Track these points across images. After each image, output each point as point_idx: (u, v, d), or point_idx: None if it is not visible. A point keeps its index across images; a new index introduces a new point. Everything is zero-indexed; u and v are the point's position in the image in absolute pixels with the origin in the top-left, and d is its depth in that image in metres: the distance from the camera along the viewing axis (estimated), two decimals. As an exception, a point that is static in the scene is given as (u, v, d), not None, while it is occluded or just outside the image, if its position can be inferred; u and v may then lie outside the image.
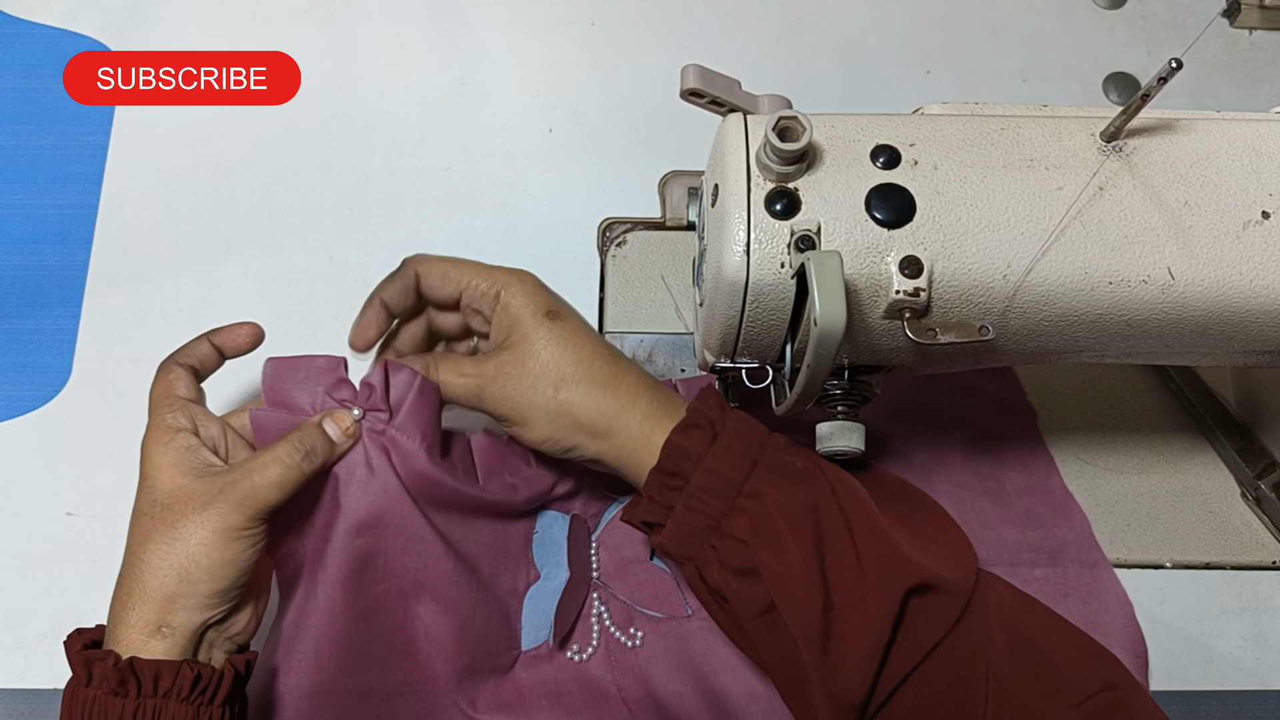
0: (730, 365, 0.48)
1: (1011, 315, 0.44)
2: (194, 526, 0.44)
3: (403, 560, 0.50)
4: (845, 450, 0.48)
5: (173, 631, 0.44)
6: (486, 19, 0.73)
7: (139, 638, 0.43)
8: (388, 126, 0.69)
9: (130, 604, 0.44)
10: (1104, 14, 0.75)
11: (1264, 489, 0.59)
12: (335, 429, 0.48)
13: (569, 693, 0.54)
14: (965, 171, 0.43)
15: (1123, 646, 0.56)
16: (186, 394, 0.48)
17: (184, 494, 0.44)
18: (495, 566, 0.54)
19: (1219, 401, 0.62)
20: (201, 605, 0.44)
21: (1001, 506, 0.60)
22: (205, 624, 0.44)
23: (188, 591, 0.44)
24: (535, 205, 0.67)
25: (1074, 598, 0.57)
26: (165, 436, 0.46)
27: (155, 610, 0.43)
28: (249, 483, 0.45)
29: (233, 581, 0.44)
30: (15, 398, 0.61)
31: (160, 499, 0.45)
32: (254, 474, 0.45)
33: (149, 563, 0.44)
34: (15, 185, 0.66)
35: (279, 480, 0.45)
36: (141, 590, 0.44)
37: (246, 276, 0.65)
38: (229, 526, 0.44)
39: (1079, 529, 0.59)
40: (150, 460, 0.46)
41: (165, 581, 0.43)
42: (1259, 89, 0.73)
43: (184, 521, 0.44)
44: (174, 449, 0.45)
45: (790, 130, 0.41)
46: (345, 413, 0.48)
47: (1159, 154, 0.44)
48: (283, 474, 0.45)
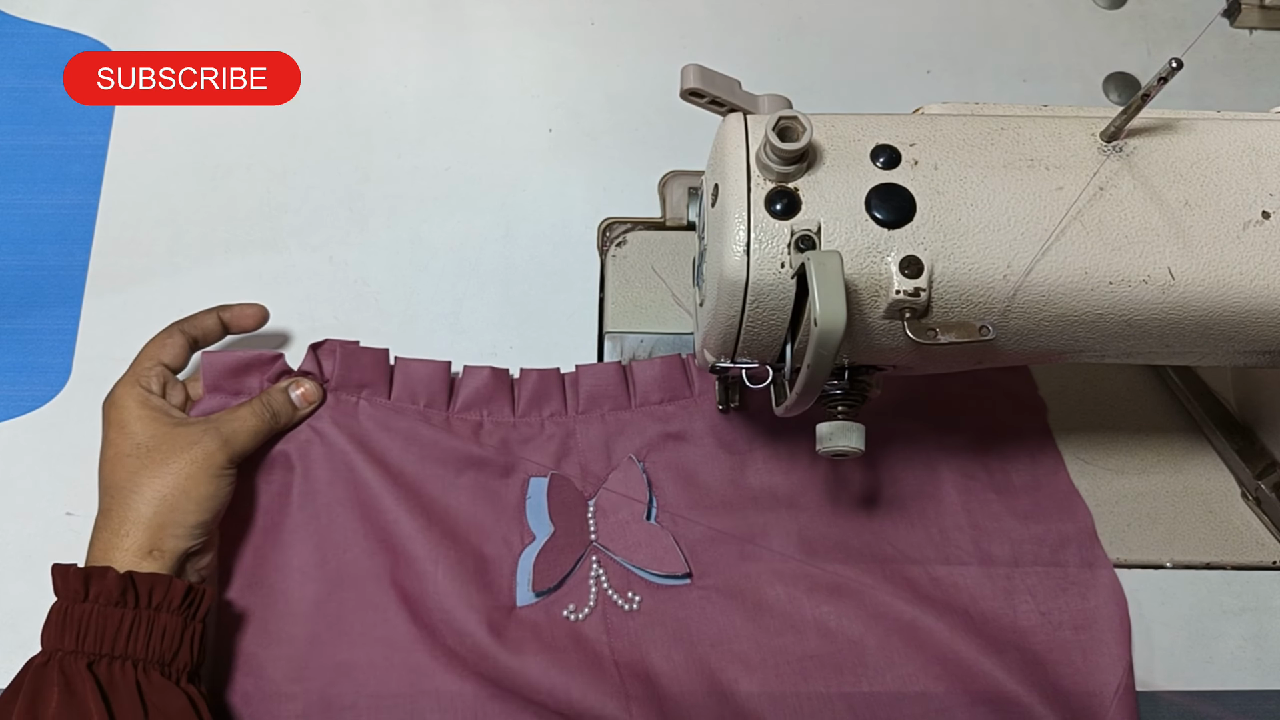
0: (730, 365, 0.48)
1: (1012, 315, 0.44)
2: (183, 463, 0.51)
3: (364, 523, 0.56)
4: (845, 450, 0.48)
5: (163, 555, 0.50)
6: (486, 19, 0.73)
7: (132, 559, 0.49)
8: (388, 126, 0.69)
9: (124, 531, 0.50)
10: (1104, 14, 0.75)
11: (1264, 489, 0.59)
12: (297, 393, 0.56)
13: (562, 650, 0.54)
14: (965, 171, 0.43)
15: (1118, 644, 0.57)
16: (171, 361, 0.55)
17: (168, 438, 0.52)
18: (482, 521, 0.57)
19: (1219, 401, 0.62)
20: (187, 534, 0.50)
21: (1007, 499, 0.60)
22: (187, 552, 0.51)
23: (177, 520, 0.50)
24: (535, 205, 0.67)
25: (1072, 592, 0.58)
26: (140, 394, 0.53)
27: (148, 536, 0.50)
28: (229, 428, 0.53)
29: (214, 514, 0.52)
30: (15, 398, 0.61)
31: (144, 442, 0.51)
32: (233, 421, 0.53)
33: (142, 495, 0.50)
34: (15, 185, 0.66)
35: (253, 429, 0.54)
36: (135, 519, 0.50)
37: (246, 276, 0.65)
38: (214, 464, 0.51)
39: (1082, 525, 0.59)
40: (125, 410, 0.53)
41: (158, 510, 0.50)
42: (1259, 89, 0.73)
43: (173, 459, 0.51)
44: (149, 405, 0.53)
45: (790, 130, 0.41)
46: (305, 380, 0.57)
47: (1159, 154, 0.44)
48: (256, 424, 0.54)
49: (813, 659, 0.55)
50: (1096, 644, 0.56)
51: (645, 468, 0.59)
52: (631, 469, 0.59)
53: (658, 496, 0.59)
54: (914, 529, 0.59)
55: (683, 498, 0.59)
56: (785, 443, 0.60)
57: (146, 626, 0.48)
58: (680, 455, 0.60)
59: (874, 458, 0.60)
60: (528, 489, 0.58)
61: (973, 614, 0.57)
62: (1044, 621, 0.57)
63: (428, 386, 0.58)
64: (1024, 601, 0.57)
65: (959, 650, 0.54)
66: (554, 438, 0.59)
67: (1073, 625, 0.57)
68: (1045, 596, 0.57)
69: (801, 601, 0.56)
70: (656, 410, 0.60)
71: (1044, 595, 0.57)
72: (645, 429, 0.60)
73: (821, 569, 0.57)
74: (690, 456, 0.60)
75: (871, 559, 0.58)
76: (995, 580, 0.58)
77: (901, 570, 0.57)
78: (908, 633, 0.55)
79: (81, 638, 0.47)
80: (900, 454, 0.60)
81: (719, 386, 0.58)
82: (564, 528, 0.57)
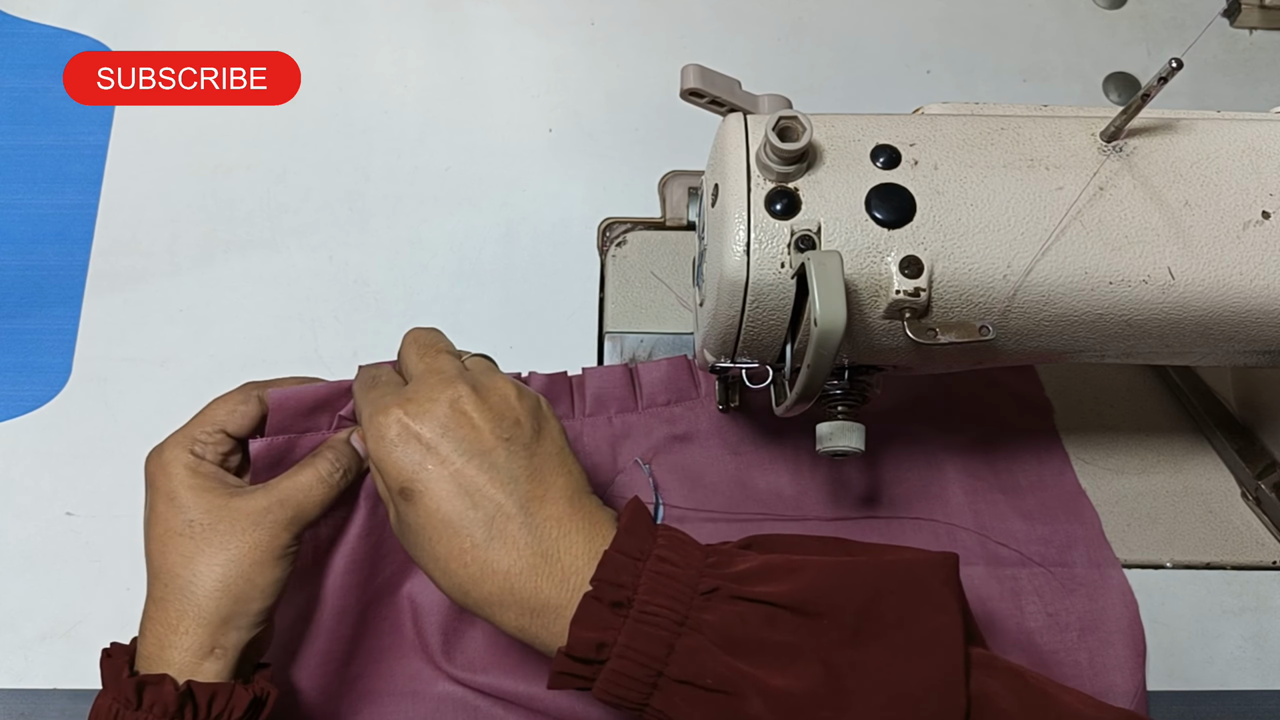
0: (730, 365, 0.48)
1: (1012, 315, 0.44)
2: (246, 546, 0.44)
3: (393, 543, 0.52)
4: (845, 450, 0.48)
5: (225, 653, 0.43)
6: (486, 19, 0.72)
7: (191, 660, 0.43)
8: (388, 126, 0.69)
9: (182, 627, 0.43)
10: (1104, 14, 0.75)
11: (1264, 489, 0.59)
12: (361, 444, 0.48)
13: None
14: (965, 171, 0.43)
15: (1126, 645, 0.56)
16: (236, 430, 0.47)
17: (226, 514, 0.44)
18: None
19: (1219, 401, 0.62)
20: (252, 624, 0.44)
21: (1014, 499, 0.60)
22: (251, 641, 0.44)
23: (242, 611, 0.43)
24: (535, 205, 0.67)
25: (1080, 594, 0.57)
26: (191, 461, 0.46)
27: (209, 632, 0.43)
28: (295, 502, 0.45)
29: (279, 598, 0.45)
30: (15, 398, 0.61)
31: (198, 518, 0.44)
32: (298, 493, 0.45)
33: (200, 585, 0.43)
34: (15, 185, 0.66)
35: (322, 499, 0.46)
36: (196, 613, 0.43)
37: (246, 276, 0.65)
38: (279, 545, 0.44)
39: (1090, 526, 0.59)
40: (174, 479, 0.45)
41: (221, 603, 0.43)
42: (1259, 89, 0.73)
43: (233, 540, 0.44)
44: (200, 473, 0.45)
45: (790, 130, 0.41)
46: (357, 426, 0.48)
47: (1159, 154, 0.44)
48: (325, 492, 0.46)
49: None
50: (1104, 646, 0.56)
51: (651, 470, 0.59)
52: (637, 473, 0.58)
53: (664, 498, 0.59)
54: (920, 530, 0.59)
55: (689, 500, 0.58)
56: (790, 443, 0.60)
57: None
58: (686, 457, 0.59)
59: (879, 458, 0.60)
60: None
61: (979, 615, 0.56)
62: (1051, 623, 0.57)
63: None
64: (1031, 603, 0.57)
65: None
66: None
67: (1080, 627, 0.57)
68: (1052, 598, 0.57)
69: None
70: (663, 412, 0.60)
71: (1051, 596, 0.57)
72: (652, 431, 0.59)
73: None
74: (696, 458, 0.59)
75: None
76: (1002, 581, 0.57)
77: None
78: None
79: None
80: (906, 455, 0.60)
81: (719, 386, 0.58)
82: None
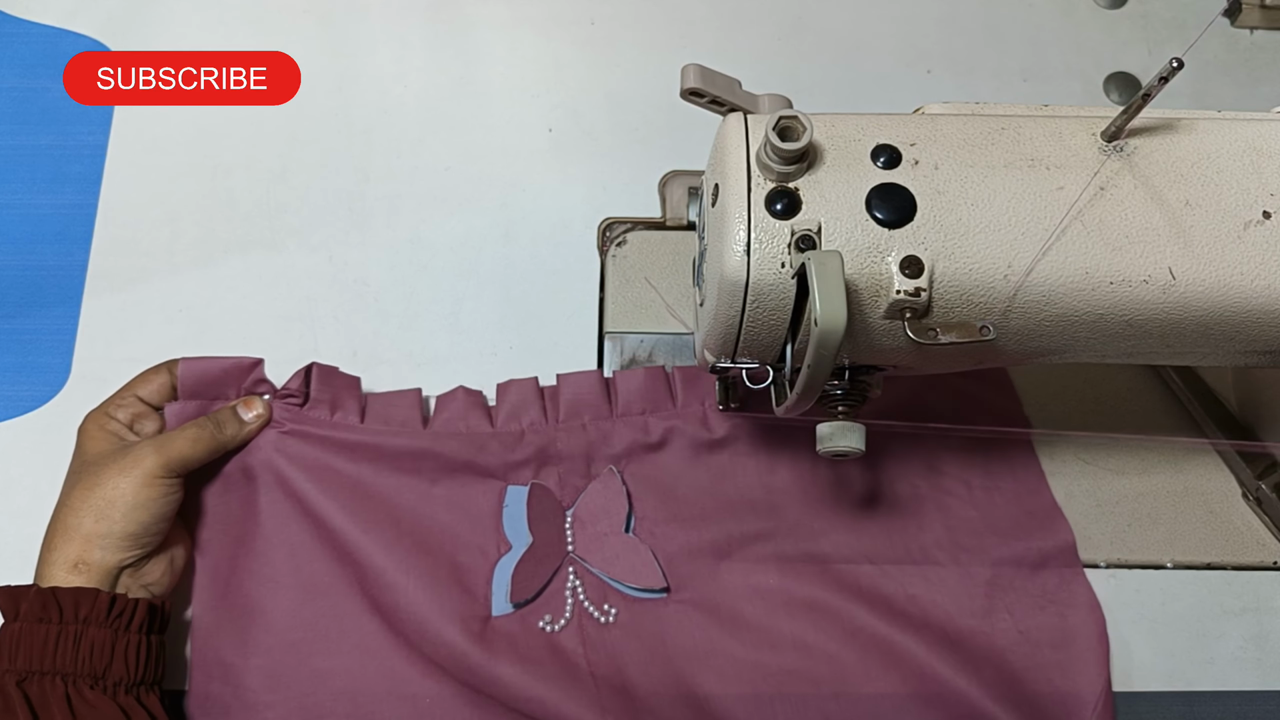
0: (730, 365, 0.48)
1: (1012, 315, 0.43)
2: (114, 473, 0.50)
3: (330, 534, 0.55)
4: (845, 450, 0.48)
5: (89, 568, 0.49)
6: (486, 19, 0.72)
7: (60, 573, 0.49)
8: (388, 126, 0.69)
9: (53, 544, 0.50)
10: (1104, 13, 0.75)
11: (1264, 489, 0.59)
12: (246, 410, 0.56)
13: (538, 661, 0.54)
14: (966, 171, 0.43)
15: (1094, 658, 0.56)
16: (148, 395, 0.55)
17: (110, 454, 0.51)
18: (458, 531, 0.57)
19: (1219, 401, 0.62)
20: (116, 545, 0.49)
21: (988, 517, 0.59)
22: (120, 565, 0.50)
23: (104, 530, 0.49)
24: (535, 205, 0.67)
25: (1051, 611, 0.57)
26: (102, 419, 0.54)
27: (75, 548, 0.49)
28: (165, 438, 0.52)
29: (145, 526, 0.50)
30: (15, 398, 0.61)
31: (89, 459, 0.52)
32: (174, 434, 0.53)
33: (71, 506, 0.50)
34: (14, 185, 0.66)
35: (192, 437, 0.53)
36: (63, 531, 0.50)
37: (246, 276, 0.65)
38: (145, 472, 0.50)
39: (1062, 542, 0.59)
40: (84, 434, 0.53)
41: (84, 521, 0.49)
42: (1260, 89, 0.73)
43: (106, 470, 0.50)
44: (106, 429, 0.53)
45: (790, 130, 0.41)
46: (255, 398, 0.56)
47: (1160, 154, 0.44)
48: (195, 433, 0.53)
49: (789, 674, 0.55)
50: (1075, 662, 0.56)
51: (625, 479, 0.59)
52: (611, 480, 0.58)
53: (636, 508, 0.58)
54: (893, 545, 0.58)
55: (661, 510, 0.58)
56: (765, 456, 0.60)
57: (73, 641, 0.48)
58: (659, 467, 0.59)
59: (853, 474, 0.60)
60: (505, 498, 0.58)
61: (949, 631, 0.56)
62: (1022, 640, 0.56)
63: (401, 411, 0.58)
64: (1002, 620, 0.57)
65: (936, 668, 0.54)
66: (532, 446, 0.58)
67: (1051, 644, 0.57)
68: (1024, 615, 0.57)
69: (779, 616, 0.56)
70: (637, 421, 0.59)
71: (1023, 613, 0.57)
72: (625, 439, 0.59)
73: (799, 584, 0.57)
74: (669, 468, 0.59)
75: (849, 575, 0.57)
76: (974, 598, 0.57)
77: (879, 586, 0.57)
78: (885, 649, 0.55)
79: (12, 656, 0.47)
80: (881, 471, 0.60)
81: (719, 386, 0.58)
82: (542, 538, 0.57)
